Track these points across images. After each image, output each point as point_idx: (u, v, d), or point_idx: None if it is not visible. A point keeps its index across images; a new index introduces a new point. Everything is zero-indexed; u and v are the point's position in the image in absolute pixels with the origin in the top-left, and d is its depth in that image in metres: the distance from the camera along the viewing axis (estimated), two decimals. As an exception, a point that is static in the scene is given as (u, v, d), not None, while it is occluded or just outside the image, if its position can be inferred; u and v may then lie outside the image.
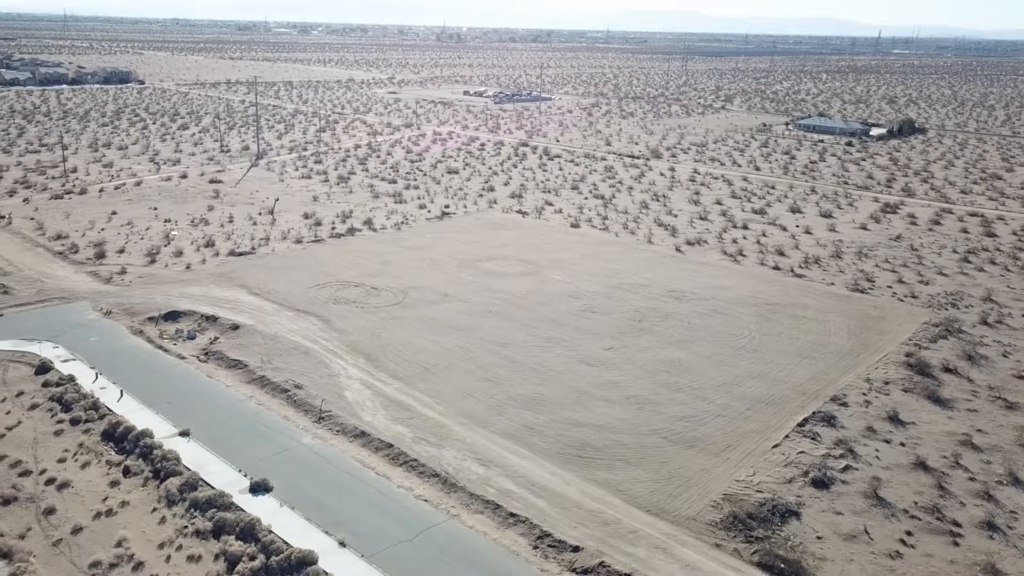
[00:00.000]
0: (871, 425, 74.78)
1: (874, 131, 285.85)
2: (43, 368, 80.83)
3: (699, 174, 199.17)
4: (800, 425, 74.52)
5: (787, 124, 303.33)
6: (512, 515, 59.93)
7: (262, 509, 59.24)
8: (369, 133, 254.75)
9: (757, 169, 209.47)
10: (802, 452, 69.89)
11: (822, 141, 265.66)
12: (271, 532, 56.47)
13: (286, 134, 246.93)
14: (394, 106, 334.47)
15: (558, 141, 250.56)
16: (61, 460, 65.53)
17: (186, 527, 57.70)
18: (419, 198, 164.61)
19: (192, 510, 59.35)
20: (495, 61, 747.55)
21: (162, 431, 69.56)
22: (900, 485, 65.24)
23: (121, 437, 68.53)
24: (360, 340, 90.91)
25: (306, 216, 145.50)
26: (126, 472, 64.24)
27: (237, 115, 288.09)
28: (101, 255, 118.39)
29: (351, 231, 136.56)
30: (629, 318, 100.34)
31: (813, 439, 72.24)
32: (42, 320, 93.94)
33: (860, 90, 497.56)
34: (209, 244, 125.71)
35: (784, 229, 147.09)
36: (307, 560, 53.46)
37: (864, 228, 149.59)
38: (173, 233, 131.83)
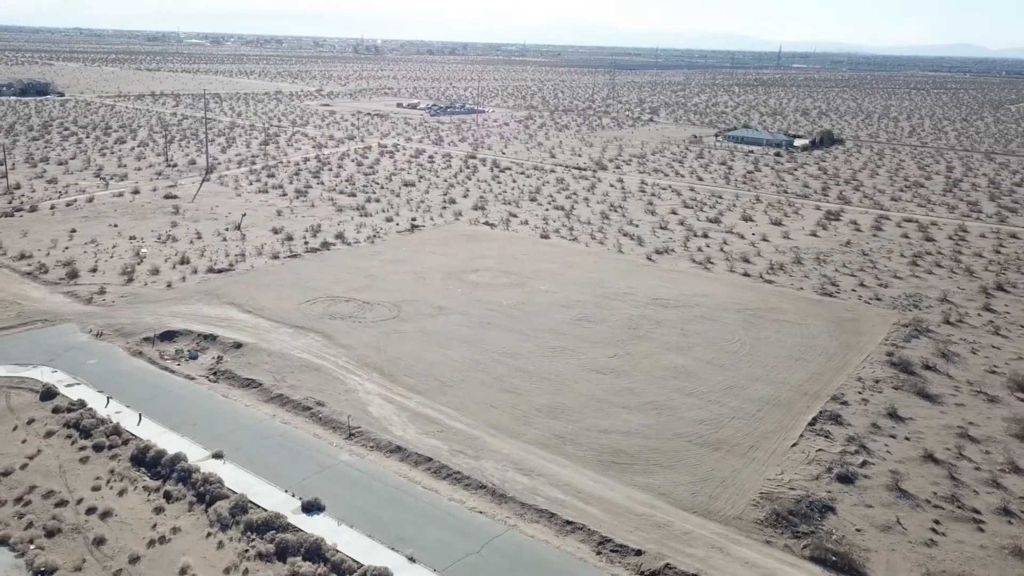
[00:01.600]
0: (875, 422, 78.36)
1: (797, 142, 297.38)
2: (48, 394, 77.32)
3: (647, 185, 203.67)
4: (811, 424, 77.52)
5: (716, 136, 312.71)
6: (568, 523, 60.61)
7: (321, 528, 58.30)
8: (314, 146, 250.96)
9: (700, 179, 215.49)
10: (820, 450, 72.78)
11: (752, 152, 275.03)
12: (337, 551, 55.66)
13: (229, 147, 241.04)
14: (331, 119, 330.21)
15: (504, 153, 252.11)
16: (95, 488, 62.94)
17: (247, 550, 56.32)
18: (383, 211, 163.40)
19: (249, 533, 57.95)
20: (418, 73, 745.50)
21: (194, 454, 67.53)
22: (917, 477, 68.69)
23: (153, 462, 66.24)
24: (368, 355, 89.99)
25: (275, 231, 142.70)
26: (168, 497, 62.17)
27: (173, 128, 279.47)
28: (74, 275, 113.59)
29: (325, 245, 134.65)
30: (623, 326, 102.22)
31: (826, 437, 75.27)
32: (31, 344, 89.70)
33: (773, 103, 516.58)
34: (184, 261, 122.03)
35: (742, 237, 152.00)
36: (387, 579, 52.96)
37: (815, 235, 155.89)
38: (143, 251, 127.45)
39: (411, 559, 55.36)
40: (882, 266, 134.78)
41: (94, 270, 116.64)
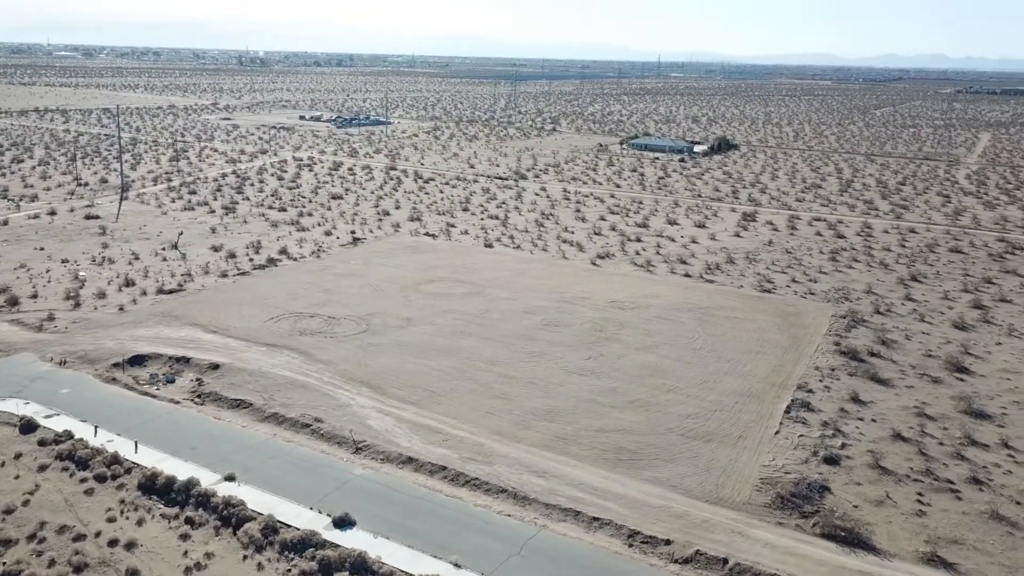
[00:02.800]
0: (842, 407, 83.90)
1: (697, 148, 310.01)
2: (29, 426, 73.44)
3: (570, 193, 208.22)
4: (786, 412, 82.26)
5: (621, 144, 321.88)
6: (595, 519, 62.57)
7: (358, 542, 58.14)
8: (227, 161, 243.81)
9: (617, 186, 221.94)
10: (802, 436, 77.44)
11: (658, 158, 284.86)
12: (383, 563, 55.75)
13: (139, 164, 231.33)
14: (236, 133, 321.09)
15: (423, 164, 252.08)
16: (111, 520, 60.55)
17: (289, 570, 55.66)
18: (319, 224, 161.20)
19: (286, 552, 57.23)
20: (311, 86, 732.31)
21: (205, 478, 65.81)
22: (892, 455, 74.14)
23: (165, 489, 64.19)
24: (351, 370, 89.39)
25: (215, 249, 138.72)
26: (190, 523, 60.49)
27: (69, 145, 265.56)
28: (14, 301, 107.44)
29: (272, 261, 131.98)
30: (589, 329, 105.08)
31: (804, 423, 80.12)
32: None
33: (663, 111, 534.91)
34: (129, 283, 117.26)
35: (673, 240, 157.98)
36: (438, 584, 53.46)
37: (738, 236, 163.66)
38: (81, 274, 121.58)
39: (456, 565, 56.04)
40: (807, 263, 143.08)
41: (35, 296, 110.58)
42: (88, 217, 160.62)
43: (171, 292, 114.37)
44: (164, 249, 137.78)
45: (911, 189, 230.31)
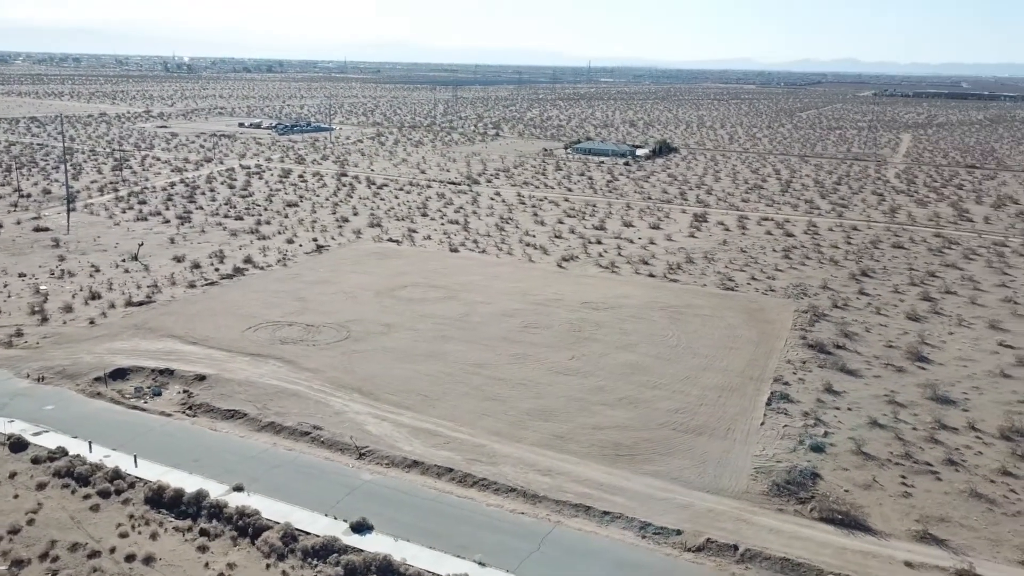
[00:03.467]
0: (818, 397, 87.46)
1: (640, 151, 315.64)
2: (19, 444, 71.45)
3: (524, 197, 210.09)
4: (768, 404, 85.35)
5: (565, 148, 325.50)
6: (605, 513, 64.15)
7: (380, 546, 58.46)
8: (172, 170, 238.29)
9: (569, 190, 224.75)
10: (786, 426, 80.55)
11: (603, 162, 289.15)
12: (410, 565, 56.24)
13: (80, 174, 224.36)
14: (176, 141, 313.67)
15: (373, 170, 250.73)
16: (123, 535, 59.53)
17: (317, 575, 55.66)
18: (279, 232, 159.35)
19: (309, 559, 57.22)
20: (244, 92, 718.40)
21: (213, 489, 65.08)
22: (871, 441, 77.73)
23: (173, 502, 63.31)
24: (340, 377, 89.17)
25: (177, 259, 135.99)
26: (205, 534, 59.91)
27: (2, 156, 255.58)
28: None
29: (238, 271, 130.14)
30: (568, 330, 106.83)
31: (785, 414, 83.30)
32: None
33: (600, 115, 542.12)
34: (95, 296, 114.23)
35: (631, 242, 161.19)
36: (467, 583, 54.22)
37: (693, 236, 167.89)
38: (43, 288, 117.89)
39: (481, 563, 56.88)
40: (762, 261, 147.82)
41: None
42: (37, 229, 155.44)
43: (140, 304, 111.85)
44: (124, 260, 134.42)
45: (847, 188, 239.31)
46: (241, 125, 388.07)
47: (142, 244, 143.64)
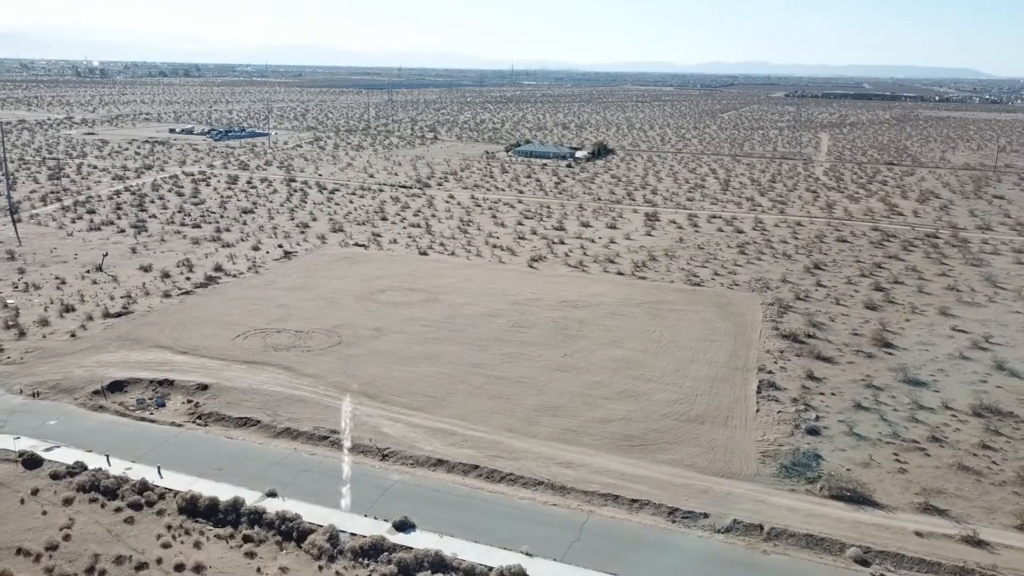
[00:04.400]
0: (803, 384, 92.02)
1: (579, 153, 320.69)
2: (32, 461, 69.63)
3: (479, 199, 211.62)
4: (758, 392, 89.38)
5: (507, 151, 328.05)
6: (633, 500, 66.62)
7: (426, 543, 59.48)
8: (114, 178, 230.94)
9: (520, 192, 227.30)
10: (780, 412, 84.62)
11: (546, 164, 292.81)
12: (460, 559, 57.48)
13: (16, 184, 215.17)
14: (108, 148, 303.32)
15: (320, 175, 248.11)
16: (166, 546, 58.97)
17: (371, 574, 56.44)
18: (243, 240, 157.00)
19: (360, 559, 57.92)
20: (166, 97, 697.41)
21: (247, 496, 64.88)
22: (860, 423, 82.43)
23: (210, 510, 62.91)
24: (342, 381, 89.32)
25: (144, 269, 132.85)
26: (249, 540, 59.93)
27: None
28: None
29: (210, 279, 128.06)
30: (554, 328, 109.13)
31: (776, 401, 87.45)
32: (-38, 412, 78.90)
33: (531, 118, 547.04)
34: (69, 309, 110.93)
35: (593, 241, 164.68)
36: (520, 574, 55.82)
37: (650, 235, 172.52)
38: (9, 302, 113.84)
39: (528, 554, 58.54)
40: (720, 257, 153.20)
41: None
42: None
43: (119, 315, 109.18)
44: (89, 272, 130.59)
45: (782, 186, 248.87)
46: (172, 131, 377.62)
47: (106, 254, 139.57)
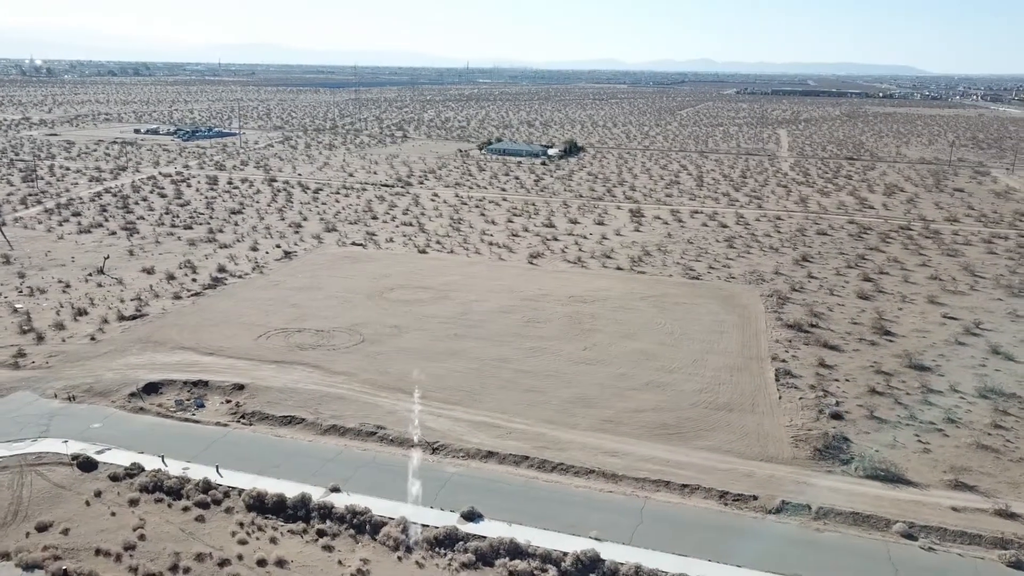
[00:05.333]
0: (816, 371, 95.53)
1: (551, 151, 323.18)
2: (88, 464, 69.39)
3: (463, 198, 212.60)
4: (776, 380, 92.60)
5: (480, 149, 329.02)
6: (684, 486, 69.02)
7: (496, 531, 61.03)
8: (90, 180, 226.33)
9: (503, 190, 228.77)
10: (801, 398, 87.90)
11: (520, 162, 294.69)
12: (535, 546, 59.15)
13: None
14: (76, 149, 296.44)
15: (300, 175, 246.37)
16: (242, 542, 59.61)
17: (451, 563, 57.88)
18: (238, 241, 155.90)
19: (437, 549, 59.32)
20: (120, 96, 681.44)
21: (313, 492, 65.64)
22: (879, 407, 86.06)
23: (277, 507, 63.61)
24: (375, 378, 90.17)
25: (147, 271, 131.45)
26: (323, 535, 60.85)
27: None
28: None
29: (217, 281, 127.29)
30: (568, 323, 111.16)
31: (795, 388, 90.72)
32: None
33: (495, 116, 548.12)
34: (82, 312, 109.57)
35: (586, 238, 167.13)
36: (595, 558, 57.77)
37: (638, 230, 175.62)
38: (18, 306, 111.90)
39: (597, 539, 60.47)
40: (711, 251, 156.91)
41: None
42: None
43: (133, 318, 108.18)
44: (92, 275, 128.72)
45: (754, 181, 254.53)
46: (138, 131, 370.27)
47: (107, 257, 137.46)
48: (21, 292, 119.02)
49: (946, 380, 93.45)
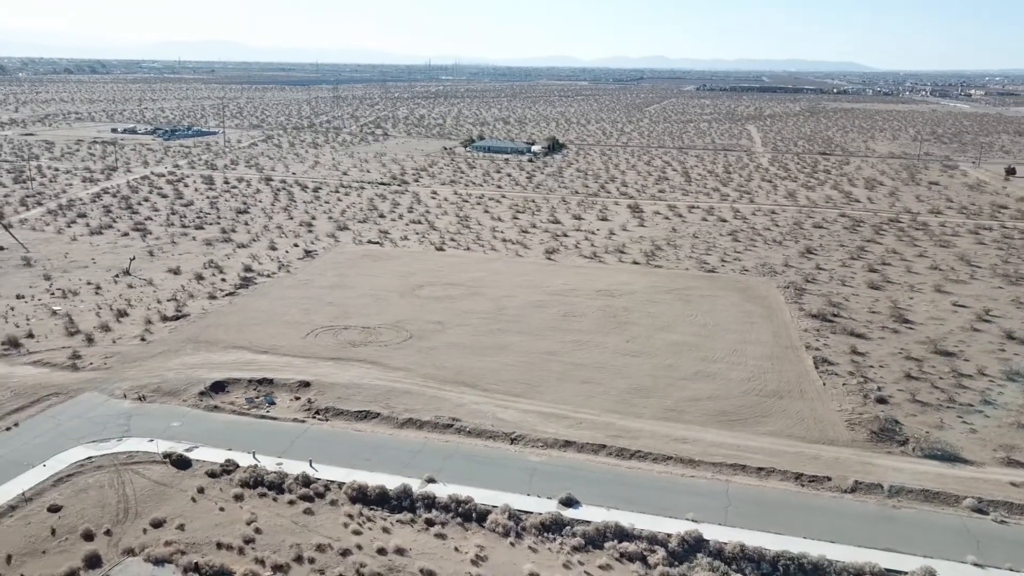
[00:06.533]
0: (851, 359, 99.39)
1: (535, 148, 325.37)
2: (182, 462, 70.02)
3: (461, 195, 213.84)
4: (816, 368, 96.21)
5: (465, 147, 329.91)
6: (759, 469, 71.94)
7: (598, 516, 63.24)
8: (83, 180, 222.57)
9: (499, 187, 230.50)
10: (844, 384, 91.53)
11: (508, 159, 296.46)
12: (639, 528, 61.53)
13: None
14: (58, 150, 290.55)
15: (293, 173, 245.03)
16: (356, 532, 61.07)
17: (562, 547, 59.99)
18: (254, 240, 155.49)
19: (545, 534, 61.34)
20: (84, 95, 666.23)
21: (412, 484, 67.12)
22: (918, 391, 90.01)
23: (380, 499, 65.08)
24: (434, 373, 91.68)
25: (173, 272, 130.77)
26: (431, 524, 62.48)
27: None
28: (14, 343, 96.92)
29: (246, 280, 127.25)
30: (602, 316, 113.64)
31: (835, 375, 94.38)
32: (75, 419, 78.09)
33: (469, 113, 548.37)
34: (123, 314, 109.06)
35: (594, 233, 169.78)
36: (699, 538, 60.36)
37: (642, 225, 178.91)
38: (56, 309, 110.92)
39: (694, 520, 63.04)
40: (719, 245, 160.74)
41: (30, 335, 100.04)
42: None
43: (176, 318, 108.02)
44: (118, 276, 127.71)
45: (739, 177, 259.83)
46: (115, 131, 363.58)
47: (133, 259, 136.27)
48: (53, 294, 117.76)
49: (972, 365, 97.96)
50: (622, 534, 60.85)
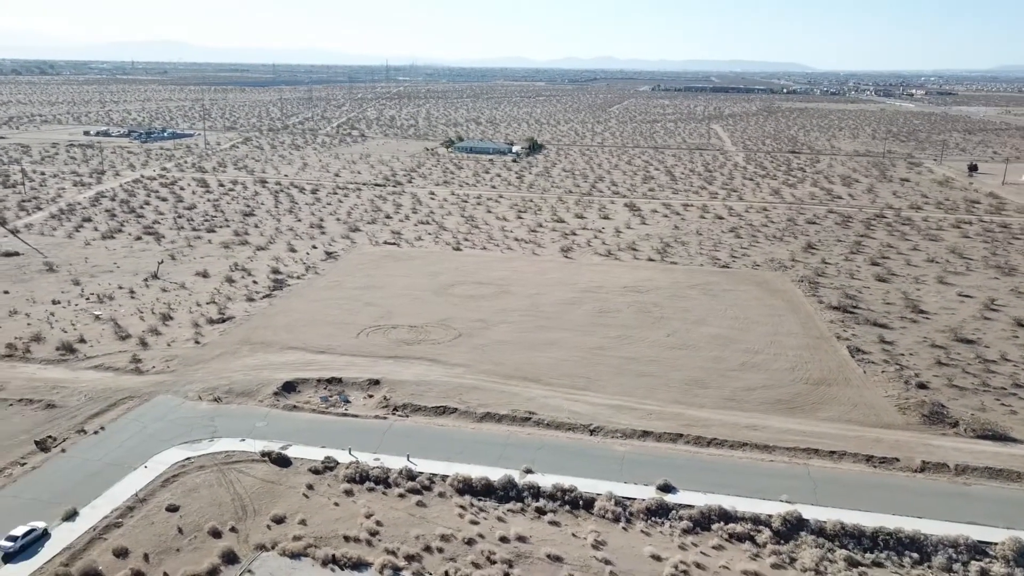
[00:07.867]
0: (881, 347, 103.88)
1: (516, 148, 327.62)
2: (282, 460, 70.87)
3: (459, 196, 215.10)
4: (852, 356, 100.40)
5: (446, 147, 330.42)
6: (832, 452, 75.40)
7: (699, 500, 65.92)
8: (74, 184, 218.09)
9: (493, 187, 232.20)
10: (884, 372, 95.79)
11: (492, 160, 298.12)
12: (738, 510, 64.34)
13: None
14: (37, 153, 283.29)
15: (286, 176, 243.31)
16: (473, 523, 62.84)
17: (672, 529, 62.54)
18: (271, 243, 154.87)
19: (652, 518, 63.91)
20: (38, 97, 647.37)
21: (511, 475, 68.96)
22: (955, 376, 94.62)
23: (486, 490, 66.89)
24: (495, 368, 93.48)
25: (202, 275, 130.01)
26: (541, 512, 64.49)
27: None
28: (69, 348, 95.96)
29: (278, 283, 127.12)
30: (636, 311, 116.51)
31: (872, 363, 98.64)
32: (159, 421, 78.13)
33: (438, 114, 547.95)
34: (167, 318, 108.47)
35: (602, 231, 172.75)
36: (799, 517, 63.38)
37: (645, 223, 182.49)
38: (97, 313, 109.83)
39: (788, 501, 66.10)
40: (724, 241, 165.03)
41: (82, 340, 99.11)
42: (7, 255, 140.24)
43: (221, 321, 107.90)
44: (147, 280, 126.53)
45: (720, 175, 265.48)
46: (87, 133, 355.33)
47: (162, 262, 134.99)
48: (89, 299, 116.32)
49: (994, 351, 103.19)
50: (726, 516, 63.61)
